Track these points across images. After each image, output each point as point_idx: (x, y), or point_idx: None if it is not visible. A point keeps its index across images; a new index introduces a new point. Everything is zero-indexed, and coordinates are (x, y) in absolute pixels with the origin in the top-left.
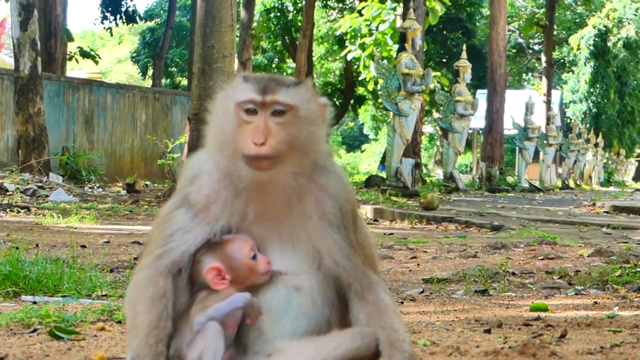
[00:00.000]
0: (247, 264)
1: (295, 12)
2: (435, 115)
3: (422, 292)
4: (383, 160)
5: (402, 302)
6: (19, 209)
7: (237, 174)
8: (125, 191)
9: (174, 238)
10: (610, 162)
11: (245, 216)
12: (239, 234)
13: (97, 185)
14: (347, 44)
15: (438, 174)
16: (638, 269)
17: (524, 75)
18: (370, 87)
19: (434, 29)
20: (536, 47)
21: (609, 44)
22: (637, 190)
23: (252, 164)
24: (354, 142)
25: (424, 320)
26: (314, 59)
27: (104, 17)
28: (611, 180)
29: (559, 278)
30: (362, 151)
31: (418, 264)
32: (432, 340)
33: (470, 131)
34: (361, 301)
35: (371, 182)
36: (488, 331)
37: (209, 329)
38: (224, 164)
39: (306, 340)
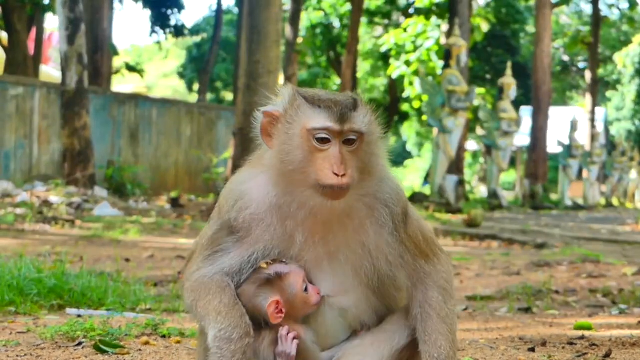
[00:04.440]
0: (301, 297)
1: (340, 28)
2: (479, 132)
3: (465, 309)
4: (427, 177)
5: None
6: (64, 222)
7: (298, 201)
8: (169, 205)
9: (215, 261)
10: None
11: (293, 240)
12: (292, 266)
13: (142, 199)
14: (391, 60)
15: (482, 191)
16: None
17: (568, 92)
18: (416, 104)
19: (479, 46)
20: (581, 65)
21: None
22: None
23: (330, 195)
24: (397, 158)
25: (467, 338)
26: (359, 75)
27: (153, 31)
28: None
29: (602, 296)
30: (405, 167)
31: (461, 281)
32: (476, 358)
33: (514, 148)
34: (412, 302)
35: (414, 198)
36: (532, 349)
37: None
38: (283, 189)
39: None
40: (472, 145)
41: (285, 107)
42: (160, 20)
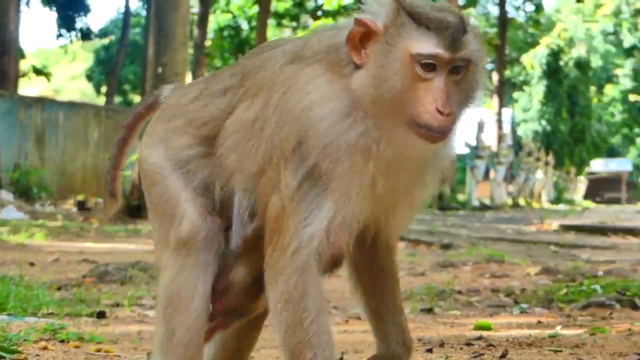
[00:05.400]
0: None
1: (249, 30)
2: None
3: None
4: None
5: (347, 321)
6: None
7: (387, 137)
8: (76, 208)
9: (309, 222)
10: (560, 180)
11: (374, 187)
12: None
13: (48, 202)
14: None
15: None
16: (583, 288)
17: None
18: None
19: None
20: (488, 66)
21: (561, 63)
22: (586, 208)
23: (427, 137)
24: None
25: (367, 340)
26: None
27: (59, 34)
28: (561, 198)
29: (505, 296)
30: None
31: None
32: None
33: None
34: (380, 259)
35: None
36: (430, 350)
37: None
38: (372, 120)
39: None
40: None
41: (386, 22)
42: (66, 23)
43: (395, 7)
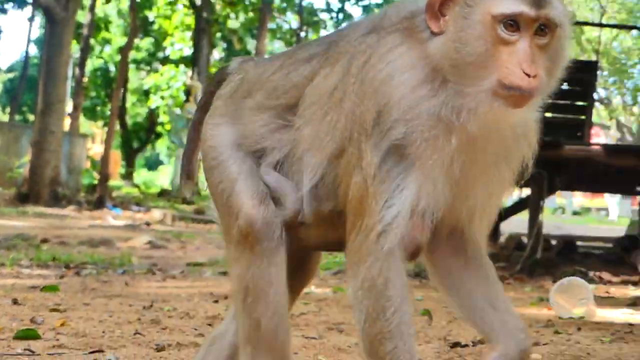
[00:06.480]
0: None
1: (115, 71)
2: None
3: (181, 272)
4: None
5: (164, 280)
6: None
7: (468, 107)
8: None
9: (392, 202)
10: None
11: (451, 165)
12: None
13: None
14: (151, 95)
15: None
16: (337, 259)
17: None
18: (167, 127)
19: None
20: None
21: None
22: None
23: (512, 100)
24: (153, 164)
25: (174, 293)
26: (128, 105)
27: None
28: None
29: None
30: (159, 172)
31: (185, 252)
32: (174, 307)
33: None
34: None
35: (163, 194)
36: (216, 301)
37: None
38: (453, 89)
39: None
40: None
41: None
42: None
43: None
